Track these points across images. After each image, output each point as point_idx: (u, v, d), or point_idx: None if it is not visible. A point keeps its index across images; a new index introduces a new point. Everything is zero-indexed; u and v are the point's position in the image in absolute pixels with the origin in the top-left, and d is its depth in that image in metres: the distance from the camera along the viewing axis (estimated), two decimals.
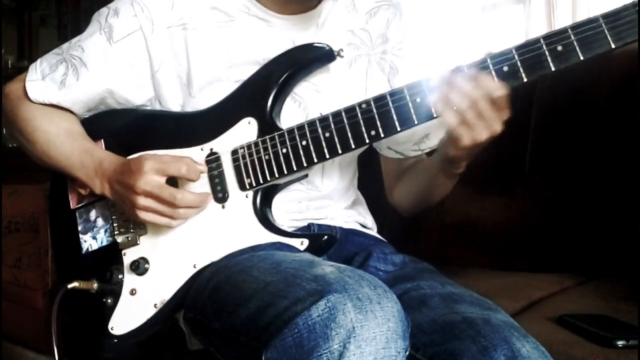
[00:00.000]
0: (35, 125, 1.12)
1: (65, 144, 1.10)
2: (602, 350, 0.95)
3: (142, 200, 1.01)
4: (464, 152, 0.98)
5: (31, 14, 3.94)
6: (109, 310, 1.07)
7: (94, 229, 1.13)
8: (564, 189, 1.49)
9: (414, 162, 1.20)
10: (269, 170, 1.03)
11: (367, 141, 0.99)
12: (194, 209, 1.04)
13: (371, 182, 1.30)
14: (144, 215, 1.02)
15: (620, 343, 0.95)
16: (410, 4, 1.18)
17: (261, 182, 1.04)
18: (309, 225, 1.12)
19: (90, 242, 1.13)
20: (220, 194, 1.05)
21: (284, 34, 1.09)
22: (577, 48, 0.87)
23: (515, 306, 1.20)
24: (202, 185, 1.06)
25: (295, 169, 1.02)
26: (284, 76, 1.06)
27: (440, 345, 0.87)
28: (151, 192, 1.00)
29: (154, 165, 1.00)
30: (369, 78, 1.15)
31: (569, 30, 0.87)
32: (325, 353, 0.73)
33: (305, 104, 1.10)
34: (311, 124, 1.01)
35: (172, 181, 1.04)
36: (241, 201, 1.05)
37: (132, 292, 1.07)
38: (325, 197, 1.14)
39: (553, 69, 0.88)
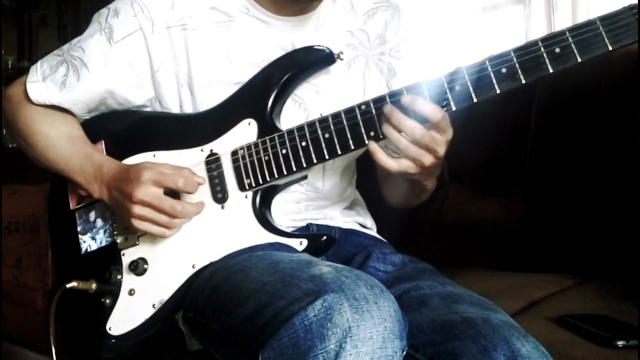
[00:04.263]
0: (35, 129, 1.12)
1: (65, 148, 1.10)
2: (602, 351, 0.95)
3: (138, 209, 1.01)
4: (416, 177, 0.98)
5: (31, 15, 3.94)
6: (108, 311, 1.07)
7: (93, 230, 1.13)
8: (563, 190, 1.49)
9: None
10: (269, 170, 1.03)
11: (367, 142, 0.99)
12: (189, 218, 1.04)
13: (371, 183, 1.29)
14: (138, 223, 1.02)
15: (620, 343, 0.96)
16: (409, 5, 1.18)
17: (261, 182, 1.04)
18: (308, 226, 1.12)
19: (89, 242, 1.13)
20: (219, 195, 1.06)
21: (283, 35, 1.09)
22: (575, 50, 0.87)
23: (515, 306, 1.19)
24: (202, 186, 1.06)
25: (294, 169, 1.02)
26: (285, 78, 1.06)
27: (440, 345, 0.87)
28: (150, 203, 1.01)
29: (152, 176, 1.01)
30: (367, 79, 1.15)
31: (567, 33, 0.88)
32: (322, 353, 0.73)
33: (305, 104, 1.10)
34: (311, 125, 1.01)
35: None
36: (240, 202, 1.05)
37: (131, 293, 1.07)
38: (325, 197, 1.14)
39: (551, 70, 0.89)
